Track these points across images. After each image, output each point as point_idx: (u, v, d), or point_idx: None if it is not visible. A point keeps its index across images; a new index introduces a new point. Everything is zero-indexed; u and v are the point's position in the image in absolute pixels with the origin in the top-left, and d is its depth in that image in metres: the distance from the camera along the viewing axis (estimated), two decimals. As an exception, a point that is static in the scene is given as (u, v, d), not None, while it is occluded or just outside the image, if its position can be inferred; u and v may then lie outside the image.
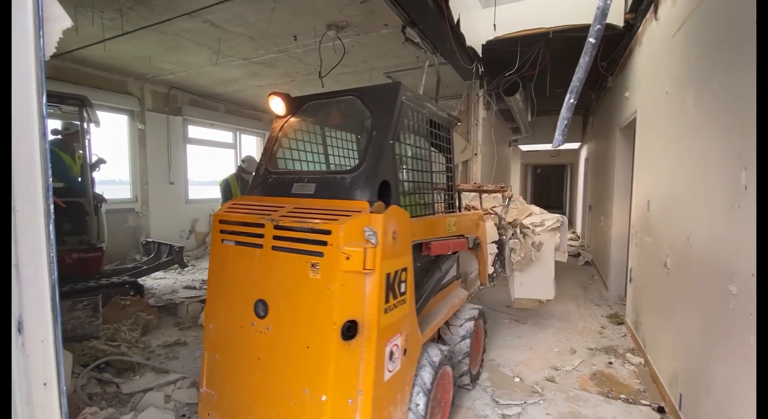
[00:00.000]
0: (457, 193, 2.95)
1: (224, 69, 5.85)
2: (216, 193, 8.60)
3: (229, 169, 8.85)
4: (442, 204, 2.51)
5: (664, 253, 2.71)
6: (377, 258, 1.57)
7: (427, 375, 1.90)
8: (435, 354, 2.02)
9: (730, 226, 1.76)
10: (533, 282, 3.77)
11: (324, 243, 1.57)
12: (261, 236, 1.75)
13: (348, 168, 2.04)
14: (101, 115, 5.10)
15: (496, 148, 7.06)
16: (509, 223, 3.76)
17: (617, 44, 4.49)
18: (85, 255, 4.05)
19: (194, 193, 7.90)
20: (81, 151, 4.17)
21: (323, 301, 1.56)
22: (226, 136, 8.58)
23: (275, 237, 1.71)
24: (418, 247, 2.06)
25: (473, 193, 3.89)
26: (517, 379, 2.81)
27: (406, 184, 2.10)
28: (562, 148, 10.70)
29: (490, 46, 4.89)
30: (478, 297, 4.53)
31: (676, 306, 2.48)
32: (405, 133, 2.06)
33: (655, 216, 3.03)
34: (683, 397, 2.24)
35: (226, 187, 5.25)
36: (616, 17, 4.11)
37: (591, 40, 1.48)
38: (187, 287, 5.09)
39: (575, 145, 10.93)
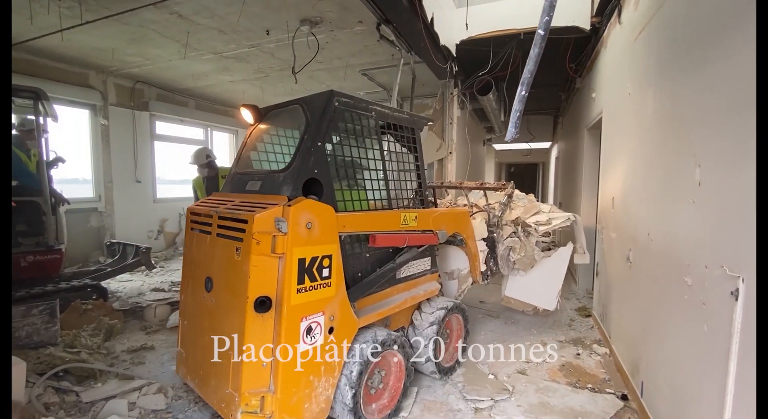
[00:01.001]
0: (430, 190, 3.00)
1: (193, 63, 5.65)
2: (187, 192, 8.38)
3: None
4: (405, 199, 2.66)
5: (627, 248, 2.83)
6: (287, 244, 1.82)
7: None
8: (381, 334, 2.22)
9: (686, 221, 1.85)
10: (534, 287, 3.65)
11: (243, 231, 1.86)
12: (210, 225, 2.12)
13: (282, 168, 2.23)
14: (60, 109, 4.82)
15: (471, 147, 7.17)
16: (512, 221, 3.69)
17: (584, 47, 4.65)
18: (42, 257, 3.82)
19: (163, 191, 7.61)
20: (38, 148, 3.92)
21: (242, 279, 1.82)
22: (196, 132, 8.30)
23: (218, 226, 2.06)
24: (366, 238, 2.31)
25: (477, 191, 3.92)
26: (491, 376, 2.86)
27: (344, 180, 2.27)
28: (533, 147, 11.00)
29: (464, 45, 4.95)
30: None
31: (637, 298, 2.60)
32: (342, 135, 2.29)
33: (619, 212, 3.17)
34: (644, 384, 2.35)
35: (194, 189, 5.10)
36: (583, 20, 4.25)
37: (540, 31, 1.51)
38: (156, 289, 4.90)
39: (546, 145, 11.25)
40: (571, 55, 4.84)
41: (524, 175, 16.93)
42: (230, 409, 1.87)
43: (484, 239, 3.47)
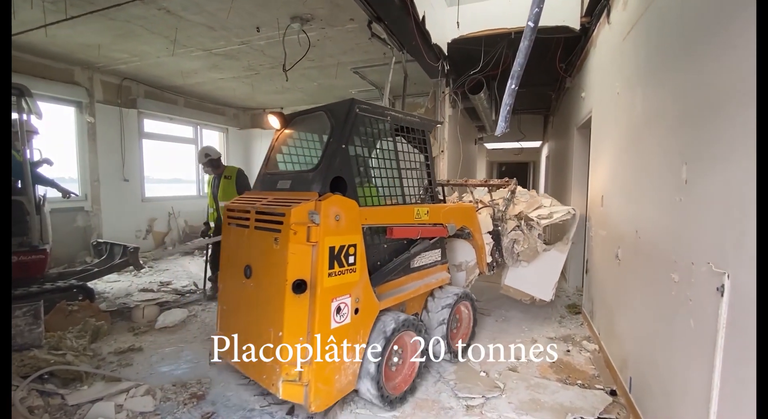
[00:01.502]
0: (440, 186, 3.33)
1: (182, 60, 5.57)
2: (177, 191, 8.26)
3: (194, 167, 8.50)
4: (417, 195, 2.92)
5: (616, 245, 2.86)
6: (320, 234, 2.06)
7: (387, 326, 2.37)
8: (399, 317, 2.47)
9: (673, 218, 1.88)
10: (533, 278, 3.84)
11: (280, 223, 2.11)
12: (248, 219, 2.37)
13: (311, 168, 2.46)
14: (44, 106, 4.71)
15: (462, 146, 7.20)
16: (515, 215, 3.91)
17: (574, 46, 4.69)
18: (26, 258, 3.73)
19: (152, 190, 7.50)
20: (23, 146, 3.83)
21: (281, 265, 2.07)
22: (186, 130, 8.20)
23: (256, 220, 2.31)
24: (384, 230, 2.55)
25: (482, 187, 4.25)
26: (483, 374, 2.88)
27: (364, 178, 2.53)
28: (524, 146, 11.08)
29: (455, 44, 4.96)
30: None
31: (626, 295, 2.63)
32: (363, 138, 2.53)
33: (609, 210, 3.20)
34: (632, 380, 2.38)
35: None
36: (573, 20, 4.29)
37: (530, 23, 1.50)
38: (144, 290, 4.82)
39: (536, 144, 11.35)
40: (561, 54, 4.87)
41: (515, 174, 17.06)
42: (272, 380, 2.12)
43: (489, 232, 3.71)
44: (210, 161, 4.55)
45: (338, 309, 2.15)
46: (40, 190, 4.10)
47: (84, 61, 5.76)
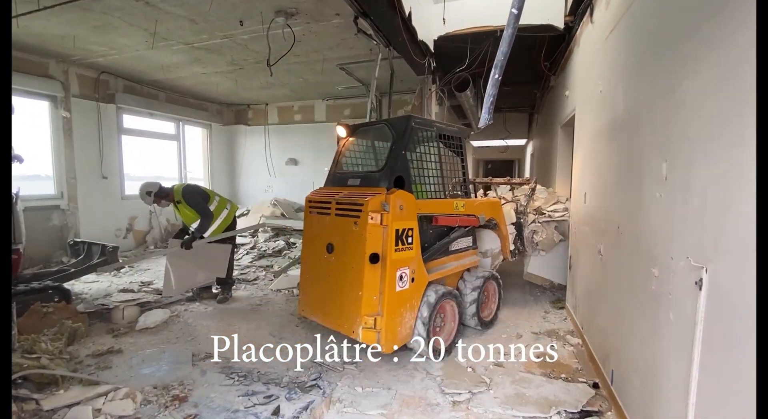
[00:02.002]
0: (471, 184, 3.98)
1: (163, 53, 5.43)
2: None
3: (174, 176, 8.30)
4: (457, 191, 3.63)
5: (599, 241, 2.91)
6: (389, 219, 2.70)
7: (431, 297, 2.99)
8: (441, 288, 3.12)
9: (653, 214, 1.92)
10: (549, 264, 4.53)
11: (360, 211, 2.78)
12: (329, 208, 3.06)
13: (378, 169, 3.16)
14: (16, 100, 4.53)
15: (449, 143, 7.22)
16: (534, 209, 4.61)
17: (559, 45, 4.75)
18: (-2, 258, 3.57)
19: (132, 188, 7.30)
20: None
21: (360, 242, 2.75)
22: (167, 126, 8.00)
23: (336, 208, 3.00)
24: (430, 219, 3.18)
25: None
26: (470, 370, 2.90)
27: (417, 177, 3.13)
28: (509, 143, 11.19)
29: (442, 41, 4.95)
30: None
31: (607, 290, 2.68)
32: (416, 145, 3.24)
33: (591, 206, 3.26)
34: (614, 373, 2.43)
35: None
36: (557, 19, 4.33)
37: (513, 10, 1.49)
38: (124, 290, 4.69)
39: (522, 142, 11.48)
40: (545, 53, 4.93)
41: (501, 171, 17.26)
42: (352, 328, 2.80)
43: (512, 224, 4.40)
44: (156, 195, 4.03)
45: (401, 277, 2.79)
46: (13, 187, 3.93)
47: (59, 54, 5.55)
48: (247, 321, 3.82)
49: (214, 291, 4.51)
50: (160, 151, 8.09)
